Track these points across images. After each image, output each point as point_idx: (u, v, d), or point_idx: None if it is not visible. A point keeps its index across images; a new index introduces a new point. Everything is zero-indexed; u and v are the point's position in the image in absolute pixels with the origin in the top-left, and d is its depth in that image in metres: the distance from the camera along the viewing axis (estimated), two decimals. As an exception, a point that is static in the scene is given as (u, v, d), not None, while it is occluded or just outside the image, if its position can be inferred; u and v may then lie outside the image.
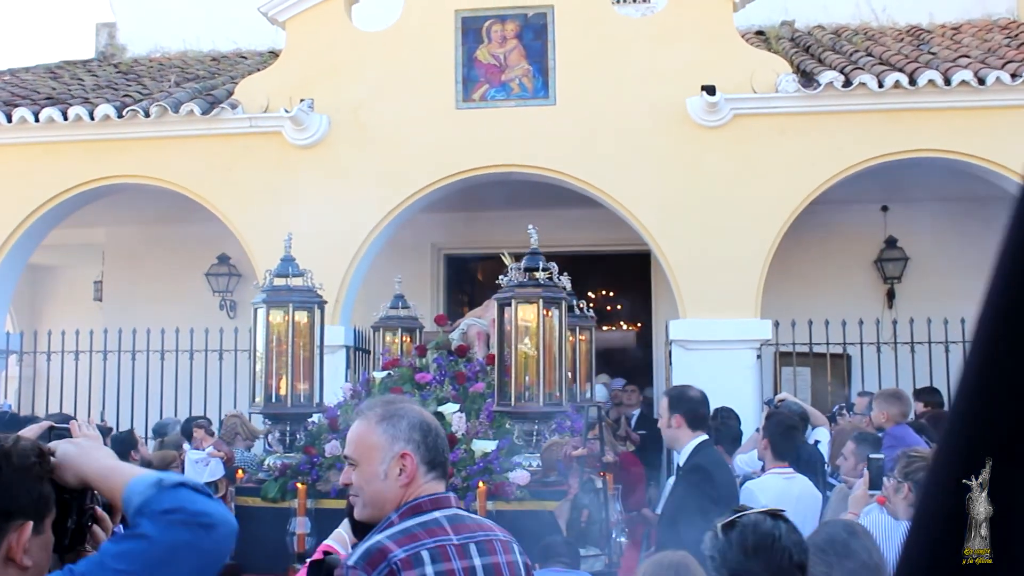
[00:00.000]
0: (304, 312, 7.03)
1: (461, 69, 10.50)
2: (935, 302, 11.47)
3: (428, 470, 2.83)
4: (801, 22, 13.57)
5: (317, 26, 10.81)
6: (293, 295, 6.97)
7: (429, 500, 2.78)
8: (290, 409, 6.93)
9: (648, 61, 10.32)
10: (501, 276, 6.60)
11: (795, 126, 10.14)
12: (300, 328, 6.98)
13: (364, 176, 10.57)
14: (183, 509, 1.98)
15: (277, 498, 6.54)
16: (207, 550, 2.00)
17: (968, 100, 9.89)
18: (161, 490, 2.00)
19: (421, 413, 2.93)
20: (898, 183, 11.04)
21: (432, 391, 7.02)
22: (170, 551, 1.95)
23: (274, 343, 6.93)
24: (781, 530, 2.91)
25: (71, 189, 10.99)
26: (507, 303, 6.59)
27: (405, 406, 2.93)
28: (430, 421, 2.92)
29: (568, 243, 11.94)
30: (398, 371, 7.50)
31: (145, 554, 1.94)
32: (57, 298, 16.84)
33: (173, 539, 1.95)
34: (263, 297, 6.93)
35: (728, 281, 10.03)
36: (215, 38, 14.49)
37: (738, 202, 10.08)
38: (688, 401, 5.53)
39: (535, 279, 6.54)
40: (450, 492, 2.87)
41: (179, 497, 2.00)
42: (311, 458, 6.61)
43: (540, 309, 6.48)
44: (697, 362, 9.84)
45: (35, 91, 12.10)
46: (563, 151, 10.34)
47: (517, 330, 6.52)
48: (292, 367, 6.94)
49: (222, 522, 2.03)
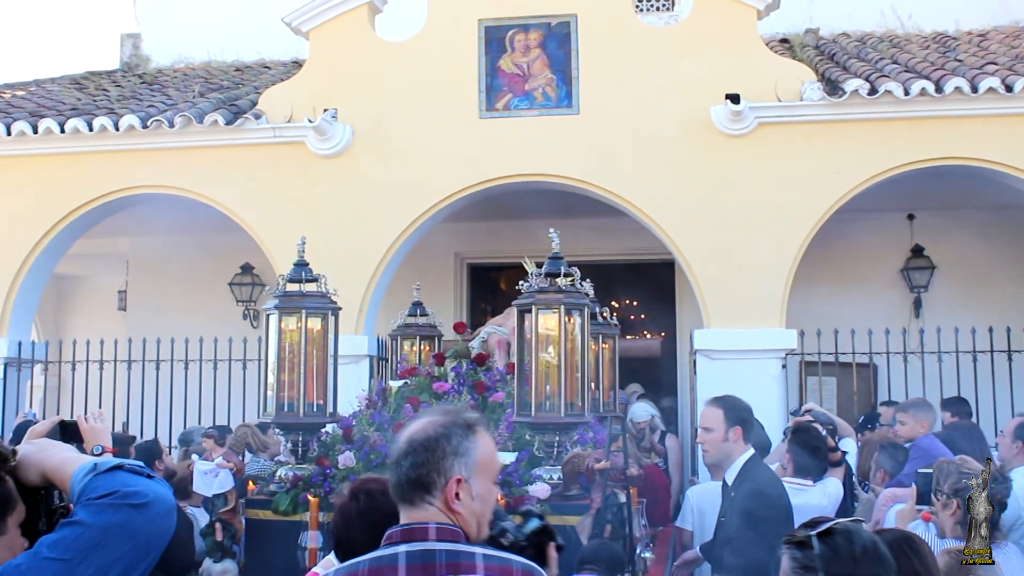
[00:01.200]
0: (318, 318, 6.74)
1: (484, 78, 10.49)
2: (962, 311, 11.39)
3: (397, 496, 2.61)
4: (826, 30, 13.49)
5: (341, 36, 10.82)
6: (306, 301, 6.68)
7: (400, 530, 2.56)
8: (302, 419, 6.64)
9: (672, 69, 10.28)
10: (521, 282, 6.34)
11: (820, 134, 10.08)
12: (313, 335, 6.69)
13: (387, 185, 10.57)
14: (116, 491, 2.03)
15: (288, 511, 6.32)
16: (140, 529, 2.04)
17: (995, 107, 9.80)
18: (96, 476, 2.05)
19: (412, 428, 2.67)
20: (924, 191, 10.95)
21: (450, 401, 6.78)
22: (102, 534, 1.99)
23: (286, 351, 6.67)
24: (876, 539, 2.82)
25: (96, 199, 11.03)
26: (527, 310, 6.26)
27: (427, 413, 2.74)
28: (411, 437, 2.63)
29: (591, 252, 11.90)
30: (415, 380, 7.28)
31: (78, 540, 1.98)
32: (81, 308, 16.91)
33: (104, 522, 2.00)
34: (275, 303, 6.72)
35: (753, 290, 9.97)
36: (239, 48, 14.53)
37: (763, 211, 10.02)
38: (744, 411, 5.37)
39: (556, 285, 6.21)
40: (434, 524, 2.54)
41: (113, 481, 2.05)
42: (324, 470, 6.38)
43: (561, 316, 6.16)
44: (722, 372, 9.77)
45: (60, 102, 12.17)
46: (586, 160, 10.31)
47: (537, 338, 6.21)
48: (305, 375, 6.65)
49: (156, 500, 2.07)
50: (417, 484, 2.56)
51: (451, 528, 2.53)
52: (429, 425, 2.61)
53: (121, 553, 2.01)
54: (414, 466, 2.56)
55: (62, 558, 1.97)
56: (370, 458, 6.24)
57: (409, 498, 2.57)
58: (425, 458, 2.56)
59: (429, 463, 2.56)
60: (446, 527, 2.53)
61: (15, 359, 11.15)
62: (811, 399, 11.31)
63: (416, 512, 2.56)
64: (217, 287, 13.63)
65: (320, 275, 6.73)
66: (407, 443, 2.60)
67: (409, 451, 2.58)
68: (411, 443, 2.59)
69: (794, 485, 6.12)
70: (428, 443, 2.58)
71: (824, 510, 6.24)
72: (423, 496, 2.56)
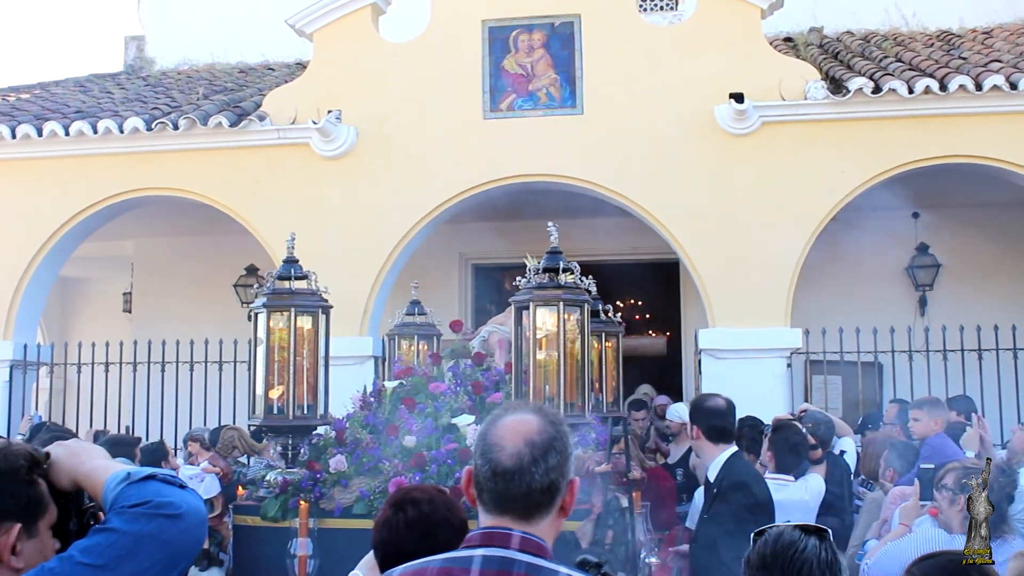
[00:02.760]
0: (308, 317, 6.44)
1: (488, 79, 10.49)
2: (967, 309, 11.36)
3: (478, 497, 2.38)
4: (830, 28, 13.49)
5: (344, 37, 10.83)
6: (296, 299, 6.39)
7: (480, 534, 2.33)
8: (291, 422, 6.33)
9: (676, 69, 10.28)
10: (519, 278, 6.02)
11: (824, 133, 10.07)
12: (303, 334, 6.40)
13: (392, 186, 10.58)
14: (149, 501, 2.06)
15: (277, 517, 6.04)
16: (173, 540, 2.07)
17: (1000, 105, 9.80)
18: (129, 485, 2.08)
19: (494, 422, 2.42)
20: (929, 189, 10.94)
21: (446, 402, 6.51)
22: (135, 542, 2.02)
23: (275, 350, 6.36)
24: (807, 543, 2.77)
25: (101, 202, 11.06)
26: (525, 306, 5.90)
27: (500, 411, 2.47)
28: (496, 433, 2.38)
29: (596, 252, 11.91)
30: (411, 380, 6.96)
31: (112, 547, 2.01)
32: (86, 310, 16.92)
33: (138, 530, 2.02)
34: (263, 301, 6.38)
35: (758, 289, 9.97)
36: (243, 50, 14.56)
37: (767, 210, 10.02)
38: (706, 412, 5.27)
39: (556, 281, 5.87)
40: (518, 531, 2.30)
41: (147, 490, 2.08)
42: (314, 474, 6.11)
43: (561, 313, 5.81)
44: (727, 371, 9.77)
45: (65, 105, 12.19)
46: (590, 160, 10.31)
47: (535, 335, 5.87)
48: (294, 376, 6.34)
49: (189, 512, 2.10)
50: (546, 492, 2.33)
51: (536, 541, 2.30)
52: (540, 423, 2.37)
53: (153, 562, 2.03)
54: (547, 471, 2.31)
55: (95, 564, 2.00)
56: (362, 461, 6.02)
57: (533, 509, 2.33)
58: (557, 460, 2.33)
59: (559, 466, 2.33)
60: (531, 538, 2.30)
61: (21, 361, 11.17)
62: (816, 398, 11.32)
63: (529, 526, 2.32)
64: (222, 289, 13.64)
65: (311, 272, 6.45)
66: (528, 446, 2.32)
67: (539, 455, 2.31)
68: (534, 445, 2.32)
69: (776, 481, 6.14)
70: (555, 444, 2.35)
71: (805, 504, 6.26)
72: (548, 505, 2.35)
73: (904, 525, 5.28)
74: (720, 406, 5.29)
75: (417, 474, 5.72)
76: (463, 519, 3.25)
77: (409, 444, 5.96)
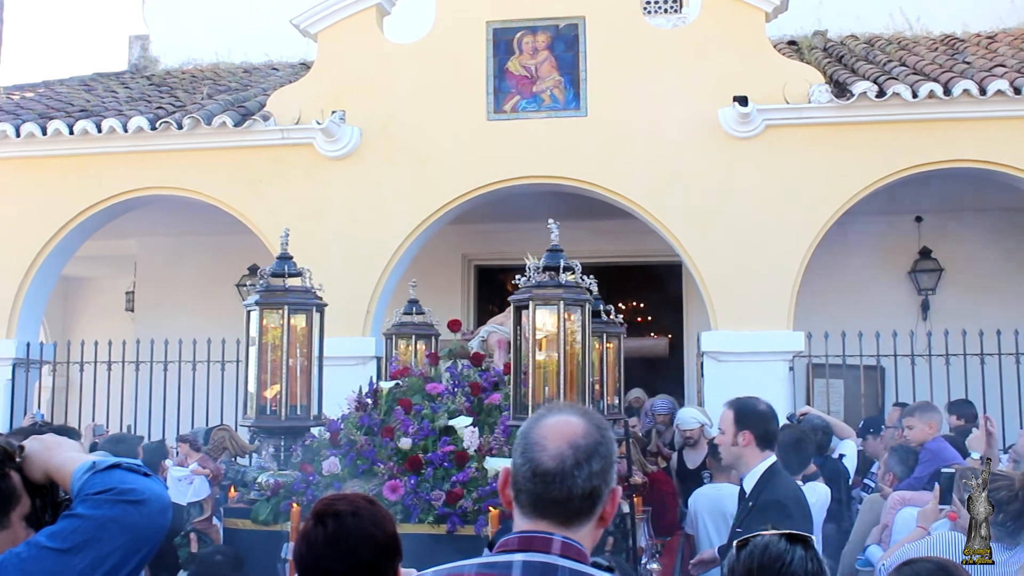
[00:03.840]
0: (302, 315, 6.28)
1: (492, 80, 10.50)
2: (970, 313, 11.37)
3: (514, 497, 2.27)
4: (834, 32, 13.48)
5: (349, 38, 10.84)
6: (289, 296, 6.23)
7: (519, 538, 2.22)
8: (284, 422, 6.17)
9: (680, 72, 10.28)
10: (518, 276, 5.80)
11: (828, 137, 10.07)
12: (296, 333, 6.23)
13: (395, 187, 10.59)
14: (113, 488, 2.16)
15: (269, 520, 5.88)
16: (135, 525, 2.16)
17: (1004, 110, 9.80)
18: (95, 474, 2.19)
19: (538, 421, 2.31)
20: (932, 194, 10.95)
21: (443, 403, 6.32)
22: (98, 527, 2.11)
23: (268, 349, 6.21)
24: (794, 555, 2.73)
25: (104, 201, 11.07)
26: (524, 305, 5.68)
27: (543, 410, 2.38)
28: (538, 432, 2.27)
29: (599, 254, 11.90)
30: (407, 381, 6.79)
31: (76, 532, 2.11)
32: (89, 309, 16.94)
33: (101, 516, 2.12)
34: (256, 299, 6.23)
35: (760, 292, 9.97)
36: (247, 50, 14.57)
37: (770, 213, 10.02)
38: (758, 416, 5.02)
39: (556, 279, 5.66)
40: (559, 536, 2.21)
41: (111, 478, 2.18)
42: (307, 476, 5.94)
43: (561, 312, 5.59)
44: (729, 374, 9.77)
45: (69, 103, 12.20)
46: (594, 162, 10.31)
47: (535, 335, 5.65)
48: (287, 376, 6.18)
49: (152, 498, 2.20)
50: (588, 498, 2.23)
51: (577, 547, 2.21)
52: (586, 426, 2.27)
53: (116, 546, 2.12)
54: (590, 476, 2.21)
55: (60, 548, 2.09)
56: (356, 464, 5.88)
57: (573, 515, 2.23)
58: (601, 466, 2.23)
59: (603, 472, 2.24)
60: (572, 543, 2.21)
61: (23, 360, 11.19)
62: (819, 402, 11.33)
63: (569, 532, 2.22)
64: (225, 289, 13.65)
65: (305, 269, 6.30)
66: (572, 448, 2.22)
67: (583, 459, 2.22)
68: (578, 448, 2.22)
69: None
70: (600, 449, 2.25)
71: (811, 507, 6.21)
72: (589, 512, 2.25)
73: (922, 528, 5.29)
74: (768, 411, 5.05)
75: (412, 477, 5.62)
76: (391, 535, 3.00)
77: (405, 446, 5.83)
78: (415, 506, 5.43)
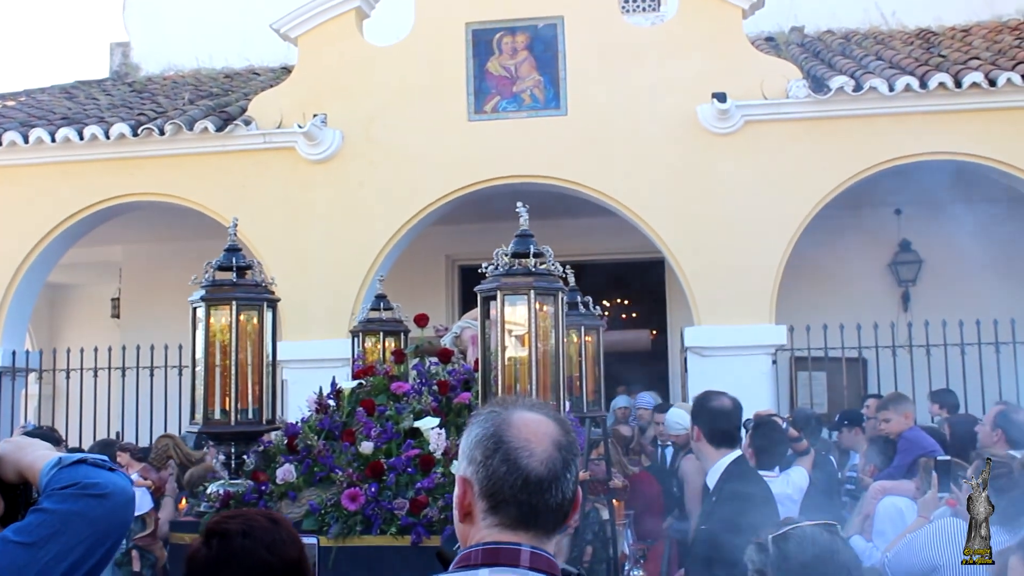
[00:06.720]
0: (252, 311, 5.63)
1: (473, 81, 10.55)
2: (950, 304, 11.46)
3: (488, 508, 2.01)
4: (811, 27, 13.58)
5: (329, 42, 10.87)
6: (237, 291, 5.57)
7: (483, 550, 1.99)
8: (233, 427, 5.54)
9: (658, 69, 10.34)
10: (485, 264, 5.22)
11: (806, 131, 10.16)
12: (246, 330, 5.61)
13: (378, 189, 10.63)
14: (77, 483, 2.22)
15: None
16: (99, 518, 2.22)
17: (979, 102, 9.91)
18: (61, 469, 2.25)
19: (506, 420, 2.05)
20: (911, 186, 11.04)
21: (409, 403, 5.82)
22: (63, 521, 2.17)
23: (215, 349, 5.57)
24: (839, 545, 2.75)
25: (88, 208, 11.07)
26: (492, 296, 5.08)
27: (498, 408, 2.11)
28: (516, 434, 2.02)
29: (581, 252, 11.96)
30: (371, 380, 6.24)
31: (41, 526, 2.17)
32: (75, 316, 16.93)
33: (66, 510, 2.19)
34: (201, 294, 5.58)
35: (742, 287, 10.04)
36: (228, 55, 14.58)
37: (751, 208, 10.09)
38: (707, 413, 4.92)
39: (526, 267, 5.02)
40: (527, 547, 1.99)
41: (76, 473, 2.24)
42: (259, 486, 5.38)
43: (532, 303, 4.93)
44: (712, 368, 9.83)
45: (51, 111, 12.20)
46: (575, 161, 10.37)
47: (503, 328, 5.05)
48: (237, 378, 5.55)
49: (115, 492, 2.26)
50: (571, 503, 2.05)
51: (547, 557, 2.01)
52: (555, 424, 2.08)
53: (80, 539, 2.18)
54: (574, 480, 2.05)
55: (25, 542, 2.15)
56: (313, 471, 5.42)
57: (558, 524, 2.05)
58: (575, 470, 2.06)
59: (577, 475, 2.07)
60: (541, 554, 2.00)
61: (9, 368, 11.18)
62: (801, 394, 11.42)
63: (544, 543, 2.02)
64: (210, 293, 13.63)
65: (255, 261, 5.76)
66: (558, 449, 2.03)
67: (570, 460, 2.04)
68: (561, 448, 2.03)
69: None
70: (574, 448, 2.07)
71: (788, 498, 6.23)
72: (567, 519, 2.06)
73: (923, 517, 5.37)
74: (725, 407, 4.91)
75: (373, 484, 5.15)
76: (291, 561, 2.64)
77: (366, 451, 5.37)
78: (376, 516, 4.99)
